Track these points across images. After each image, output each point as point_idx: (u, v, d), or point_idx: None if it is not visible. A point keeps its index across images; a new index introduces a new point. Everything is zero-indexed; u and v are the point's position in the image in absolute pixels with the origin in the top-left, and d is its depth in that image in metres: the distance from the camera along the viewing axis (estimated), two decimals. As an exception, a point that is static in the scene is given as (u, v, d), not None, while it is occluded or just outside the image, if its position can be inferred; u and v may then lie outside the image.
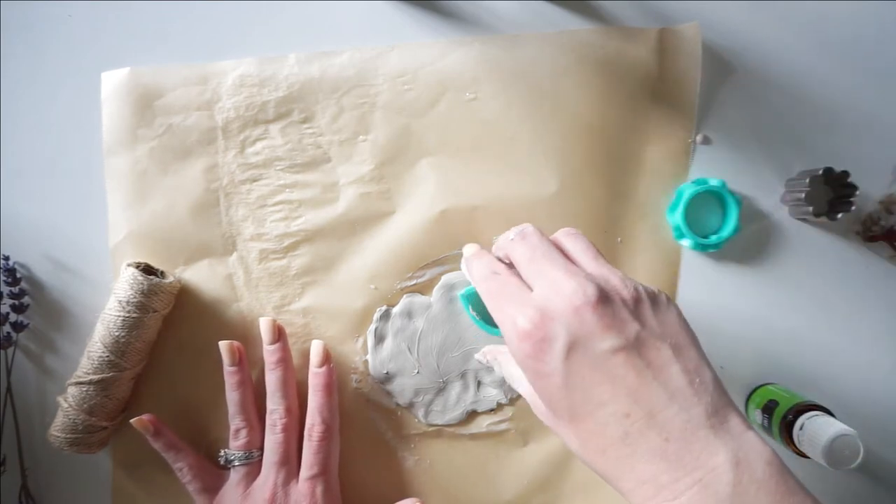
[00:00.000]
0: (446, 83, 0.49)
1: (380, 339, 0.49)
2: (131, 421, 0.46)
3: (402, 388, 0.48)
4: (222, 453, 0.46)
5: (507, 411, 0.49)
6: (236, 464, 0.45)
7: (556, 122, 0.48)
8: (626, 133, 0.49)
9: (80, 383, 0.45)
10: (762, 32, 0.49)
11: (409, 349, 0.48)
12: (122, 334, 0.45)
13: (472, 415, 0.49)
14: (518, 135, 0.48)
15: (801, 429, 0.43)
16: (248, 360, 0.47)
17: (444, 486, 0.49)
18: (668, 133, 0.49)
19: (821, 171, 0.46)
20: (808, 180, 0.46)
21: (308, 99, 0.49)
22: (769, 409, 0.46)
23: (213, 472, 0.47)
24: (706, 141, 0.49)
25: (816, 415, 0.43)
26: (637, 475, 0.31)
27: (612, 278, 0.34)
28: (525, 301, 0.33)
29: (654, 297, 0.34)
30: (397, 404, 0.49)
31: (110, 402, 0.46)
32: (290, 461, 0.45)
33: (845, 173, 0.47)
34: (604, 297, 0.32)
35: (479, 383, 0.48)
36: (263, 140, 0.49)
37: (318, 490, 0.44)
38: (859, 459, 0.40)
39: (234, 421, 0.46)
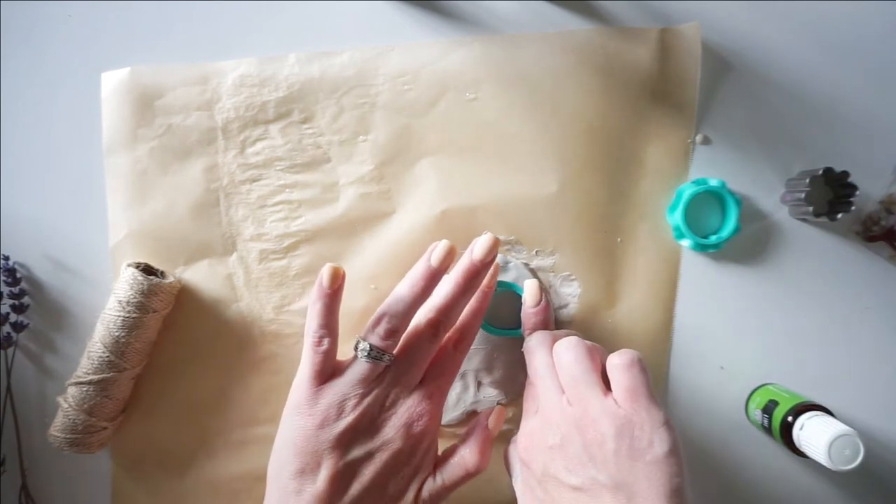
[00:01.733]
0: (447, 83, 0.49)
1: (380, 339, 0.48)
2: (328, 265, 0.40)
3: (402, 388, 0.48)
4: (366, 345, 0.40)
5: (508, 411, 0.49)
6: (379, 362, 0.40)
7: (556, 123, 0.48)
8: (627, 133, 0.49)
9: (80, 383, 0.45)
10: (762, 32, 0.49)
11: (409, 349, 0.48)
12: (122, 334, 0.45)
13: (472, 415, 0.49)
14: (518, 135, 0.49)
15: (801, 429, 0.43)
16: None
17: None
18: (668, 133, 0.49)
19: (821, 171, 0.46)
20: (808, 180, 0.46)
21: (308, 99, 0.49)
22: (769, 409, 0.46)
23: (336, 362, 0.41)
24: (706, 141, 0.49)
25: (816, 415, 0.43)
26: None
27: (588, 413, 0.36)
28: (527, 424, 0.40)
29: (629, 438, 0.35)
30: (397, 404, 0.49)
31: (110, 403, 0.46)
32: (421, 372, 0.41)
33: (845, 173, 0.47)
34: (568, 441, 0.37)
35: (479, 384, 0.48)
36: (263, 140, 0.49)
37: (439, 397, 0.42)
38: (859, 459, 0.40)
39: (395, 322, 0.40)
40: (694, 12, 0.49)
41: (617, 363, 0.38)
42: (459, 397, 0.48)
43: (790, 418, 0.44)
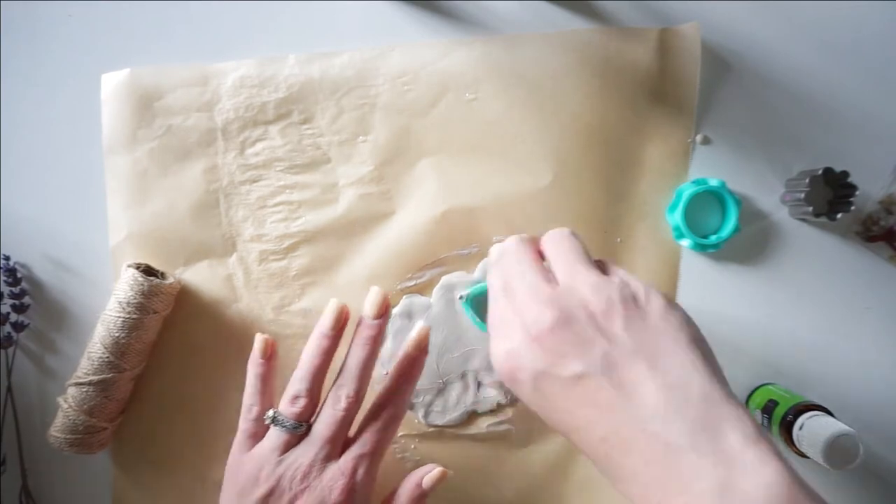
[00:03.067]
0: (447, 83, 0.49)
1: (380, 339, 0.48)
2: (257, 335, 0.43)
3: (402, 389, 0.48)
4: (272, 413, 0.41)
5: (508, 412, 0.49)
6: (280, 429, 0.40)
7: (556, 122, 0.48)
8: (626, 133, 0.49)
9: (80, 384, 0.45)
10: (762, 32, 0.49)
11: (409, 349, 0.48)
12: (122, 335, 0.45)
13: (472, 416, 0.49)
14: (518, 135, 0.49)
15: (800, 429, 0.43)
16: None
17: (444, 486, 0.49)
18: (668, 133, 0.49)
19: (821, 171, 0.46)
20: (808, 180, 0.46)
21: (308, 100, 0.49)
22: (769, 409, 0.46)
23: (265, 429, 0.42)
24: (706, 141, 0.49)
25: (816, 415, 0.43)
26: (627, 494, 0.30)
27: (582, 288, 0.32)
28: (506, 331, 0.33)
29: (632, 300, 0.31)
30: (397, 404, 0.49)
31: (110, 403, 0.46)
32: (337, 442, 0.40)
33: (845, 173, 0.47)
34: (563, 320, 0.31)
35: (479, 384, 0.48)
36: (263, 141, 0.49)
37: (361, 470, 0.40)
38: (859, 459, 0.40)
39: (298, 386, 0.41)
40: (694, 12, 0.49)
41: (546, 239, 0.37)
42: (459, 398, 0.48)
43: (790, 418, 0.44)
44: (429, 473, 0.42)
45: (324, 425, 0.40)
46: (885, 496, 0.49)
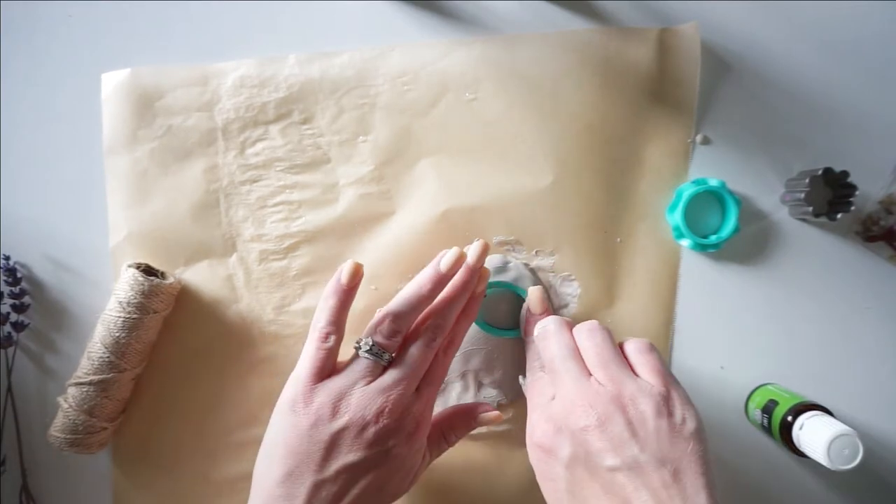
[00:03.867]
0: (447, 83, 0.49)
1: (380, 339, 0.48)
2: (350, 261, 0.40)
3: (403, 389, 0.48)
4: (370, 342, 0.39)
5: (508, 411, 0.49)
6: (380, 360, 0.39)
7: (556, 123, 0.48)
8: (626, 133, 0.49)
9: (80, 384, 0.45)
10: (762, 32, 0.49)
11: (409, 349, 0.48)
12: (122, 335, 0.45)
13: (472, 415, 0.49)
14: (518, 135, 0.49)
15: (800, 429, 0.43)
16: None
17: (444, 486, 0.49)
18: (668, 133, 0.49)
19: (821, 171, 0.46)
20: (807, 180, 0.46)
21: (308, 99, 0.49)
22: (769, 409, 0.46)
23: (336, 362, 0.40)
24: (706, 141, 0.49)
25: (816, 415, 0.43)
26: None
27: (624, 394, 0.36)
28: (546, 412, 0.38)
29: (667, 416, 0.35)
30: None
31: (110, 403, 0.46)
32: (420, 375, 0.40)
33: (845, 173, 0.47)
34: (605, 421, 0.35)
35: (479, 384, 0.48)
36: (263, 141, 0.49)
37: (434, 403, 0.41)
38: (859, 459, 0.40)
39: (401, 322, 0.40)
40: (694, 12, 0.49)
41: (638, 346, 0.39)
42: (460, 397, 0.48)
43: (790, 418, 0.44)
44: (487, 412, 0.44)
45: (416, 360, 0.39)
46: (885, 496, 0.49)
